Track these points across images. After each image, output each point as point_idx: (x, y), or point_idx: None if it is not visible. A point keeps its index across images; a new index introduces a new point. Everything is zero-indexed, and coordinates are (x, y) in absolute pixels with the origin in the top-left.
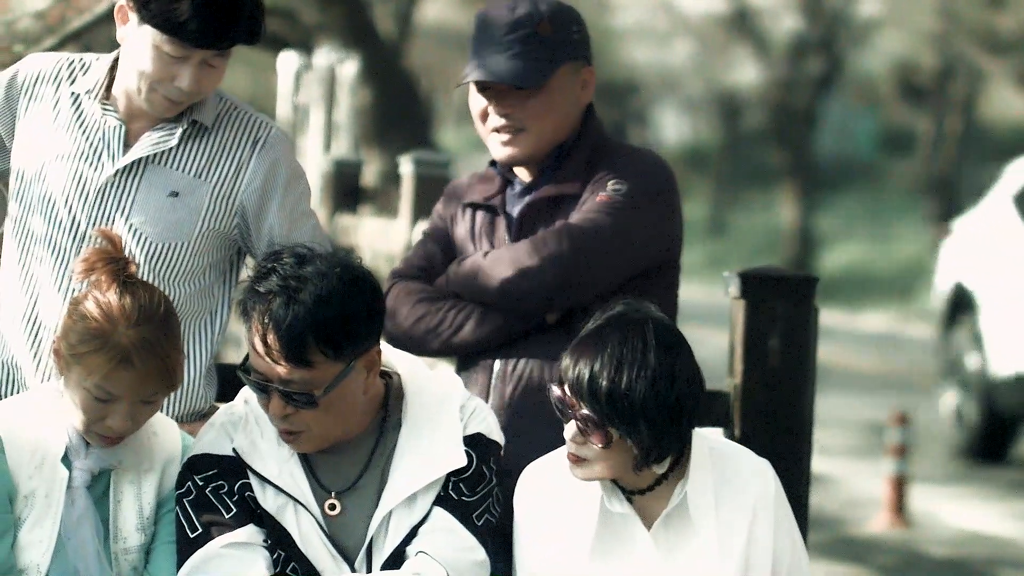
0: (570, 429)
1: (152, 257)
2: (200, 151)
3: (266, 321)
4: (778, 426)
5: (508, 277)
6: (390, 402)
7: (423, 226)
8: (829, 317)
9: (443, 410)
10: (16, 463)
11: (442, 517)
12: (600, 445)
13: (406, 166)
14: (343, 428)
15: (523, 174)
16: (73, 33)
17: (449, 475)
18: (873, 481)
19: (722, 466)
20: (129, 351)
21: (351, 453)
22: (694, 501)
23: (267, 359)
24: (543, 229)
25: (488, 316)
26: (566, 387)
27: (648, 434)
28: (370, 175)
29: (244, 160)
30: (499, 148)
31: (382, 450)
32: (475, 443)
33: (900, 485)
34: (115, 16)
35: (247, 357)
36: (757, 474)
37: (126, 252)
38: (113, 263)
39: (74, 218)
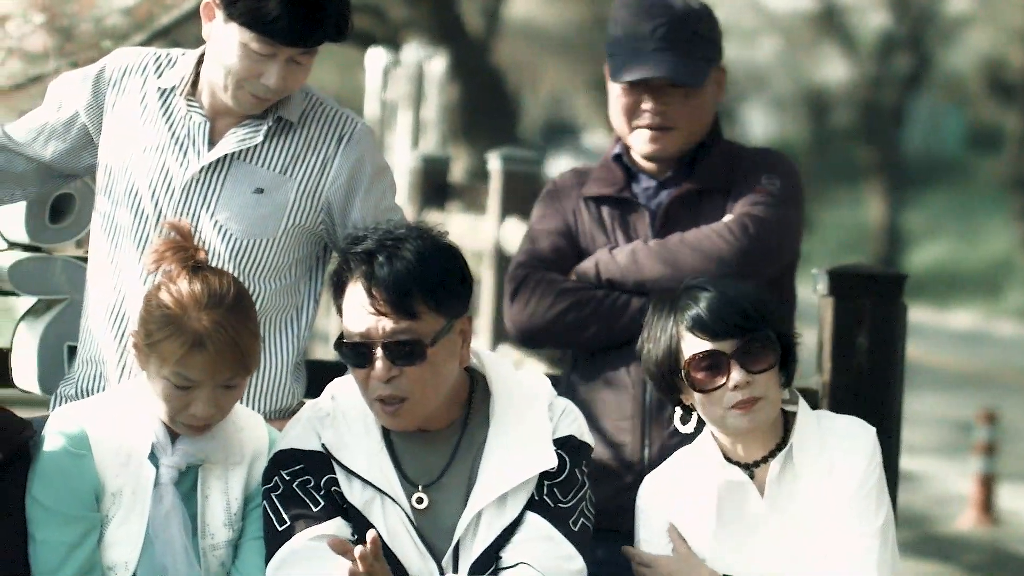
0: (735, 377)
1: (237, 254)
2: (285, 148)
3: (371, 274)
4: (869, 421)
5: (694, 264)
6: (475, 398)
7: (514, 225)
8: (916, 315)
9: (531, 408)
10: (102, 461)
11: (539, 525)
12: (773, 363)
13: (494, 162)
14: (438, 399)
15: (651, 168)
16: (161, 30)
17: (542, 479)
18: (960, 479)
19: (825, 428)
20: (201, 335)
21: (436, 447)
22: (800, 457)
23: (374, 313)
24: (690, 223)
25: (648, 306)
26: (695, 346)
27: (789, 332)
28: (458, 171)
29: (329, 156)
30: (645, 144)
31: (468, 445)
32: (567, 446)
33: (987, 483)
34: (201, 13)
35: (341, 335)
36: (860, 436)
37: (211, 249)
38: (182, 251)
39: (160, 213)
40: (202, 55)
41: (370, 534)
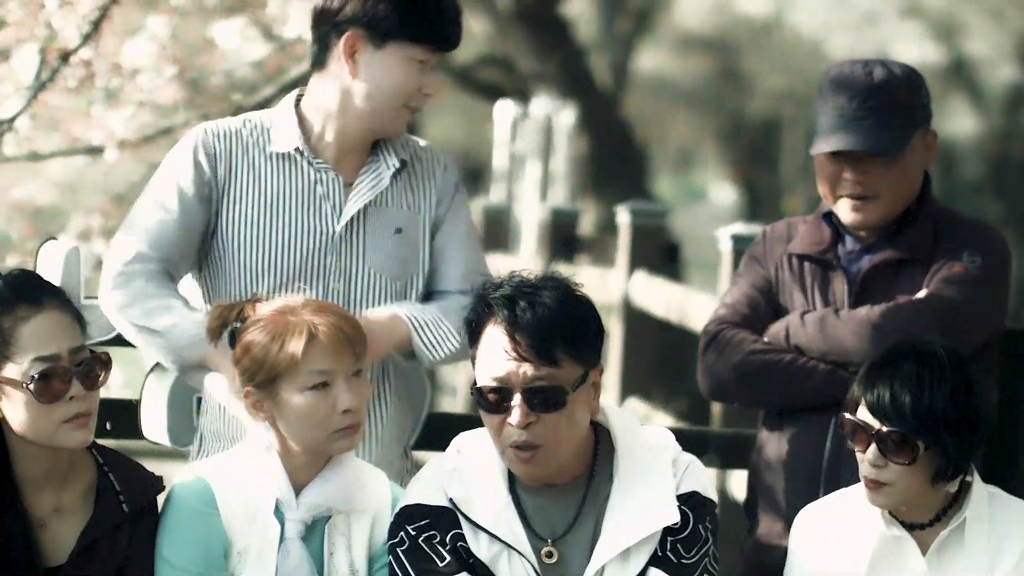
0: (870, 453)
1: (393, 297)
2: (406, 186)
3: (514, 320)
4: (994, 477)
5: (873, 341)
6: (599, 453)
7: (642, 278)
8: None
9: (655, 464)
10: (229, 518)
11: None
12: (906, 462)
13: (622, 215)
14: (570, 448)
15: (858, 231)
16: (290, 82)
17: (665, 534)
18: None
19: (998, 507)
20: (310, 325)
21: (562, 501)
22: (971, 529)
23: (515, 359)
24: (887, 292)
25: (834, 375)
26: (861, 413)
27: (951, 443)
28: (586, 224)
29: (436, 185)
30: (849, 213)
31: (593, 499)
32: (691, 502)
33: None
34: (341, 50)
35: (474, 382)
36: None
37: (369, 297)
38: (235, 307)
39: (317, 269)
40: (295, 110)
41: None
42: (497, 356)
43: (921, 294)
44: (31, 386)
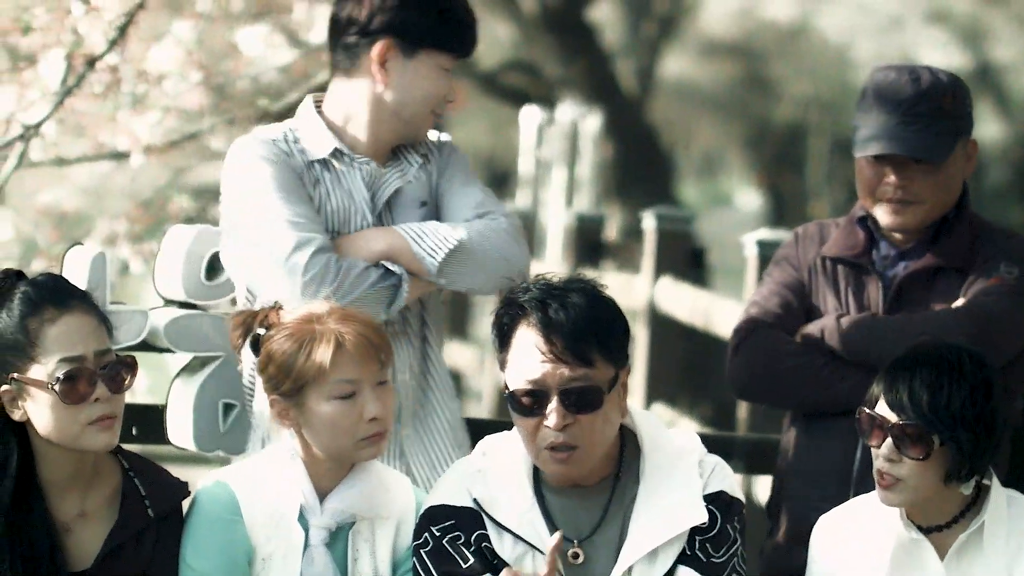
0: (885, 447)
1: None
2: (414, 159)
3: (548, 321)
4: (1018, 483)
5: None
6: (626, 455)
7: (668, 284)
8: None
9: (682, 465)
10: (253, 525)
11: None
12: (920, 457)
13: (648, 221)
14: (603, 448)
15: (894, 236)
16: (316, 87)
17: (693, 534)
18: None
19: (1017, 511)
20: (336, 333)
21: (588, 503)
22: (990, 533)
23: (550, 360)
24: (924, 299)
25: (867, 379)
26: (879, 407)
27: (967, 440)
28: (612, 230)
29: (434, 151)
30: (888, 216)
31: (620, 500)
32: (718, 501)
33: None
34: (373, 60)
35: (506, 386)
36: None
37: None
38: (259, 311)
39: None
40: (319, 114)
41: (556, 536)
42: (531, 358)
43: (958, 303)
44: (56, 387)
